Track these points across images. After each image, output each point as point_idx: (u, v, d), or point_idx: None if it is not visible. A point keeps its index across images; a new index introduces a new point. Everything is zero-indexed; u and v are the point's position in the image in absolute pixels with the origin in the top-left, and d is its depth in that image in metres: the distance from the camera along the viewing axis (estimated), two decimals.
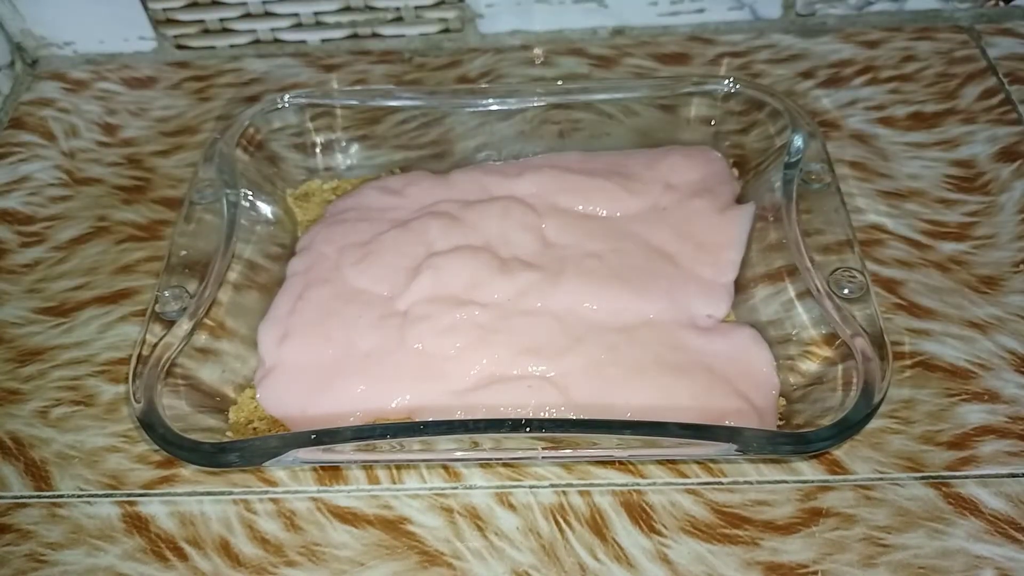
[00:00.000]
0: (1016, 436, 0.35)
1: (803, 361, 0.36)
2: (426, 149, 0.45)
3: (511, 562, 0.33)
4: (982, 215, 0.43)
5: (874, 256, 0.41)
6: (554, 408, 0.35)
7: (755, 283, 0.39)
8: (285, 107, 0.44)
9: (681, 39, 0.53)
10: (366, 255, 0.40)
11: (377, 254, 0.40)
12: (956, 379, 0.37)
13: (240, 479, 0.36)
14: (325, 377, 0.37)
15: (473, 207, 0.42)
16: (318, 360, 0.37)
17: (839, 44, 0.52)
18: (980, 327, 0.39)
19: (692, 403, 0.35)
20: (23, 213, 0.47)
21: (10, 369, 0.40)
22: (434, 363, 0.36)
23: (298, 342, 0.38)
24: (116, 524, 0.35)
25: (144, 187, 0.47)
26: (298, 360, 0.37)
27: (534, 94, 0.44)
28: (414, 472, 0.36)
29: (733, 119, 0.44)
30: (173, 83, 0.53)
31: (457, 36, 0.54)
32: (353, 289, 0.39)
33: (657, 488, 0.35)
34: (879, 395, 0.31)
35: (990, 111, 0.47)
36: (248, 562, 0.34)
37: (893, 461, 0.35)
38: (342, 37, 0.54)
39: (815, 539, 0.33)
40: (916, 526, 0.33)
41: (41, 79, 0.54)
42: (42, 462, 0.37)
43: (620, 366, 0.36)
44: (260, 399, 0.37)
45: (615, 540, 0.34)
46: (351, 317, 0.38)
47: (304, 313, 0.39)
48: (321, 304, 0.39)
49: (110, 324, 0.41)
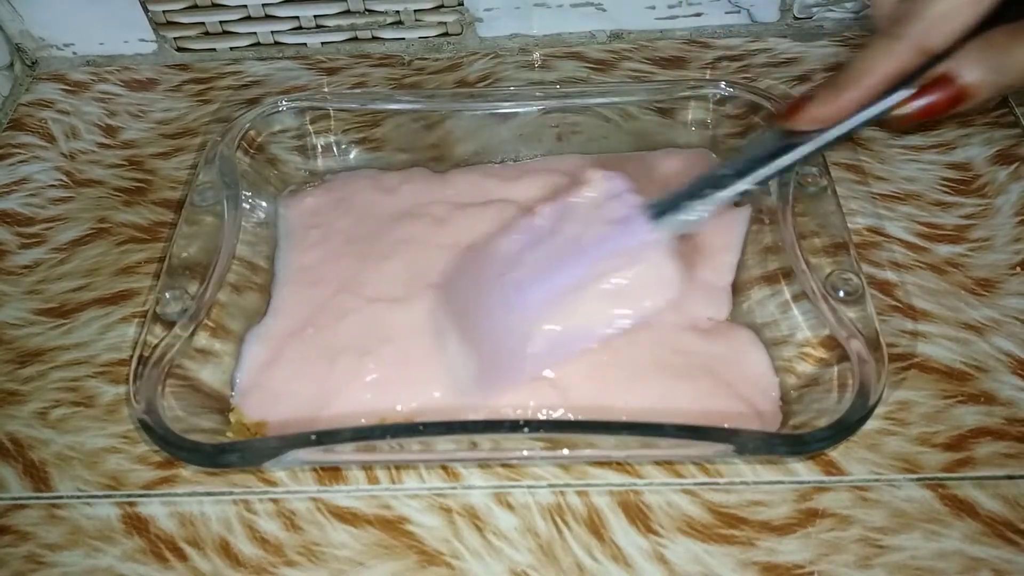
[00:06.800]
0: (1013, 438, 0.35)
1: (799, 363, 0.36)
2: (425, 152, 0.46)
3: (509, 562, 0.33)
4: (978, 218, 0.43)
5: (870, 259, 0.41)
6: (554, 409, 0.35)
7: (751, 285, 0.39)
8: (285, 110, 0.44)
9: (678, 43, 0.53)
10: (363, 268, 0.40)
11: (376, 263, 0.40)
12: (952, 381, 0.37)
13: (240, 479, 0.36)
14: (321, 395, 0.37)
15: (465, 210, 0.42)
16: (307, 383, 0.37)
17: (836, 48, 0.52)
18: (976, 329, 0.39)
19: (692, 405, 0.35)
20: (23, 214, 0.47)
21: (10, 370, 0.40)
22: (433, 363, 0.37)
23: (286, 369, 0.38)
24: (115, 525, 0.35)
25: (144, 189, 0.48)
26: (286, 385, 0.37)
27: (532, 98, 0.44)
28: (413, 472, 0.36)
29: (729, 122, 0.44)
30: (173, 85, 0.54)
31: (456, 40, 0.54)
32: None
33: (654, 488, 0.35)
34: (875, 397, 0.31)
35: (986, 114, 0.48)
36: (248, 562, 0.34)
37: (889, 462, 0.35)
38: (342, 40, 0.54)
39: (811, 540, 0.33)
40: (912, 527, 0.33)
41: (41, 80, 0.55)
42: (41, 463, 0.37)
43: (620, 368, 0.36)
44: (245, 410, 0.37)
45: (612, 540, 0.34)
46: None
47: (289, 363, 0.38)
48: (307, 358, 0.38)
49: (110, 325, 0.42)
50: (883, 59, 0.29)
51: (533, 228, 0.36)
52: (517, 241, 0.36)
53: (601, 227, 0.34)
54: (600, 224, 0.34)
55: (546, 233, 0.35)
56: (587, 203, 0.35)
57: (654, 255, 0.33)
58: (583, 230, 0.34)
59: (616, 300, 0.33)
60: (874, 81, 0.30)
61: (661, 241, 0.33)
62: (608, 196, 0.34)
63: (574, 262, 0.33)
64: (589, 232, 0.34)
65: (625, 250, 0.33)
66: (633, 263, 0.33)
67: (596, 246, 0.33)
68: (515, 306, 0.34)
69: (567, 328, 0.33)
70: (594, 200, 0.35)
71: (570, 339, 0.34)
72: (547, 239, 0.35)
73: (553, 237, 0.35)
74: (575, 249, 0.34)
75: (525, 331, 0.33)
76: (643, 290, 0.33)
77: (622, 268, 0.33)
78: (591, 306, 0.33)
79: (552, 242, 0.35)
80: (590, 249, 0.34)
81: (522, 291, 0.34)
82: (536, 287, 0.34)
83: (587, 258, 0.33)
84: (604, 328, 0.33)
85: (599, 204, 0.34)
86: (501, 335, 0.34)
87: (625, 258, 0.33)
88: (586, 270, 0.33)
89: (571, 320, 0.33)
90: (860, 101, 0.30)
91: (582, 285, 0.33)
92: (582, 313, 0.33)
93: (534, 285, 0.34)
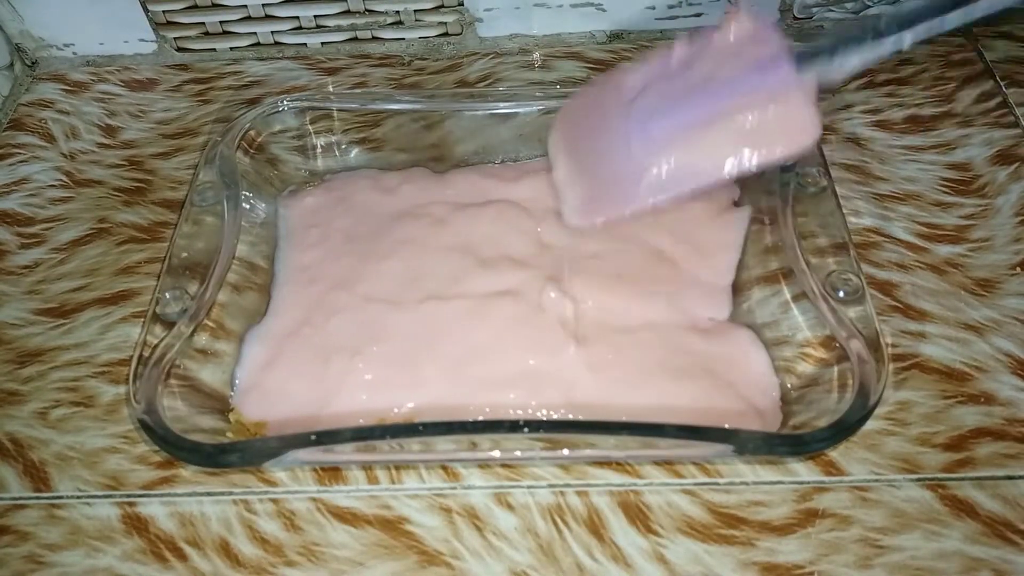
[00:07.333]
0: (1012, 438, 0.35)
1: (799, 363, 0.36)
2: (425, 152, 0.46)
3: (509, 562, 0.33)
4: (978, 218, 0.43)
5: (870, 259, 0.41)
6: (555, 409, 0.35)
7: (751, 285, 0.39)
8: (285, 110, 0.44)
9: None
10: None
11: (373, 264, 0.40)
12: (952, 381, 0.37)
13: (240, 479, 0.36)
14: (319, 397, 0.37)
15: (465, 210, 0.42)
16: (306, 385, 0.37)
17: None
18: (976, 329, 0.39)
19: (692, 405, 0.35)
20: (23, 214, 0.47)
21: (9, 370, 0.40)
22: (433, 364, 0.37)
23: (284, 369, 0.38)
24: (115, 525, 0.35)
25: (144, 189, 0.48)
26: (284, 385, 0.37)
27: (532, 98, 0.44)
28: (413, 472, 0.36)
29: None
30: (173, 85, 0.54)
31: (456, 40, 0.54)
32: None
33: (654, 488, 0.35)
34: (875, 397, 0.31)
35: (987, 114, 0.48)
36: (248, 562, 0.34)
37: (889, 463, 0.35)
38: (342, 40, 0.54)
39: (811, 540, 0.33)
40: (912, 528, 0.33)
41: (41, 80, 0.55)
42: (41, 463, 0.37)
43: (620, 367, 0.36)
44: (244, 410, 0.37)
45: (612, 540, 0.34)
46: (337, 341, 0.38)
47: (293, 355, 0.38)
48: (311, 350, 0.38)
49: (110, 325, 0.42)
50: None
51: (666, 63, 0.34)
52: (648, 74, 0.34)
53: (740, 66, 0.32)
54: (740, 63, 0.32)
55: (680, 69, 0.33)
56: (728, 43, 0.32)
57: (795, 97, 0.31)
58: (720, 68, 0.32)
59: (748, 139, 0.31)
60: None
61: (805, 86, 0.31)
62: (752, 39, 0.32)
63: (708, 96, 0.31)
64: (726, 70, 0.32)
65: (765, 90, 0.31)
66: (772, 102, 0.31)
67: (733, 83, 0.31)
68: (638, 133, 0.32)
69: (689, 161, 0.32)
70: (737, 40, 0.32)
71: (689, 174, 0.32)
72: (680, 75, 0.33)
73: (687, 72, 0.33)
74: (710, 85, 0.32)
75: (645, 160, 0.32)
76: (778, 133, 0.31)
77: (760, 106, 0.31)
78: (720, 142, 0.31)
79: (686, 76, 0.33)
80: (727, 85, 0.31)
81: (648, 119, 0.32)
82: (663, 116, 0.32)
83: (723, 93, 0.31)
84: (729, 168, 0.31)
85: (741, 45, 0.32)
86: (620, 160, 0.33)
87: (764, 96, 0.31)
88: (720, 105, 0.31)
89: (695, 154, 0.32)
90: None
91: (713, 120, 0.31)
92: (709, 148, 0.31)
93: (661, 114, 0.32)
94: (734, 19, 0.32)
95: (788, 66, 0.31)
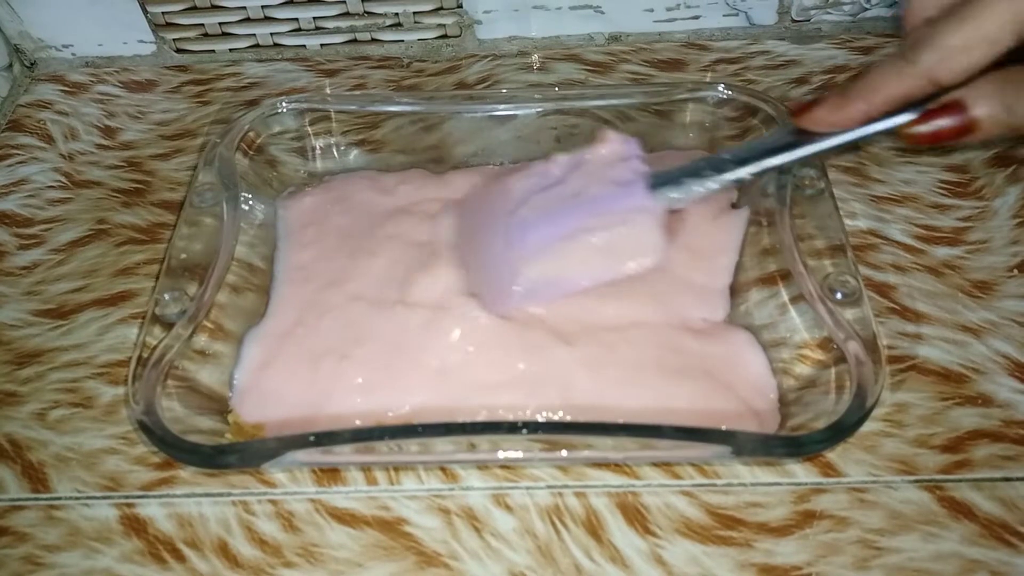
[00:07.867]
0: (1010, 440, 0.36)
1: (797, 365, 0.36)
2: (424, 154, 0.46)
3: (507, 563, 0.33)
4: (976, 220, 0.43)
5: (867, 261, 0.42)
6: (552, 410, 0.35)
7: (749, 287, 0.39)
8: (285, 111, 0.44)
9: (677, 45, 0.54)
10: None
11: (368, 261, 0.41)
12: (950, 383, 0.37)
13: (239, 480, 0.36)
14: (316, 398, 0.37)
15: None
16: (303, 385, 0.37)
17: (834, 50, 0.52)
18: (974, 331, 0.39)
19: (690, 406, 0.35)
20: (21, 215, 0.47)
21: (8, 371, 0.40)
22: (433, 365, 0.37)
23: (279, 371, 0.38)
24: (114, 526, 0.35)
25: (143, 190, 0.48)
26: (280, 386, 0.37)
27: (531, 100, 0.44)
28: (412, 473, 0.36)
29: (728, 125, 0.44)
30: (172, 87, 0.54)
31: (455, 42, 0.54)
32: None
33: (652, 490, 0.35)
34: (872, 398, 0.31)
35: (994, 145, 0.47)
36: (246, 563, 0.34)
37: (887, 464, 0.35)
38: (341, 42, 0.54)
39: (809, 541, 0.33)
40: (910, 529, 0.33)
41: (39, 81, 0.55)
42: (40, 464, 0.37)
43: (618, 369, 0.36)
44: (242, 411, 0.37)
45: (610, 541, 0.34)
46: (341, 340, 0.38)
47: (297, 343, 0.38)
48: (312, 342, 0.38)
49: (109, 326, 0.42)
50: (893, 80, 0.29)
51: (547, 174, 0.38)
52: (531, 183, 0.38)
53: (604, 185, 0.36)
54: (604, 182, 0.36)
55: (556, 181, 0.37)
56: (598, 160, 0.37)
57: (643, 220, 0.35)
58: (588, 184, 0.36)
59: (600, 255, 0.35)
60: (879, 99, 0.30)
61: (653, 210, 0.35)
62: (619, 158, 0.36)
63: (572, 212, 0.35)
64: (593, 187, 0.36)
65: (619, 210, 0.35)
66: (622, 223, 0.35)
67: (594, 201, 0.35)
68: (514, 242, 0.36)
69: (553, 272, 0.35)
70: (605, 159, 0.37)
71: (554, 283, 0.36)
72: (556, 186, 0.37)
73: (561, 185, 0.37)
74: (577, 200, 0.36)
75: (516, 267, 0.36)
76: (627, 251, 0.35)
77: (611, 226, 0.35)
78: (578, 256, 0.35)
79: (559, 190, 0.37)
80: (589, 203, 0.35)
81: (523, 230, 0.36)
82: (535, 229, 0.36)
83: (584, 210, 0.35)
84: (586, 279, 0.35)
85: (609, 163, 0.36)
86: (497, 265, 0.37)
87: (617, 217, 0.35)
88: (580, 222, 0.35)
89: (558, 266, 0.35)
90: (866, 113, 0.31)
91: (574, 235, 0.35)
92: (568, 261, 0.35)
93: (534, 226, 0.36)
94: (605, 140, 0.37)
95: (643, 190, 0.35)
